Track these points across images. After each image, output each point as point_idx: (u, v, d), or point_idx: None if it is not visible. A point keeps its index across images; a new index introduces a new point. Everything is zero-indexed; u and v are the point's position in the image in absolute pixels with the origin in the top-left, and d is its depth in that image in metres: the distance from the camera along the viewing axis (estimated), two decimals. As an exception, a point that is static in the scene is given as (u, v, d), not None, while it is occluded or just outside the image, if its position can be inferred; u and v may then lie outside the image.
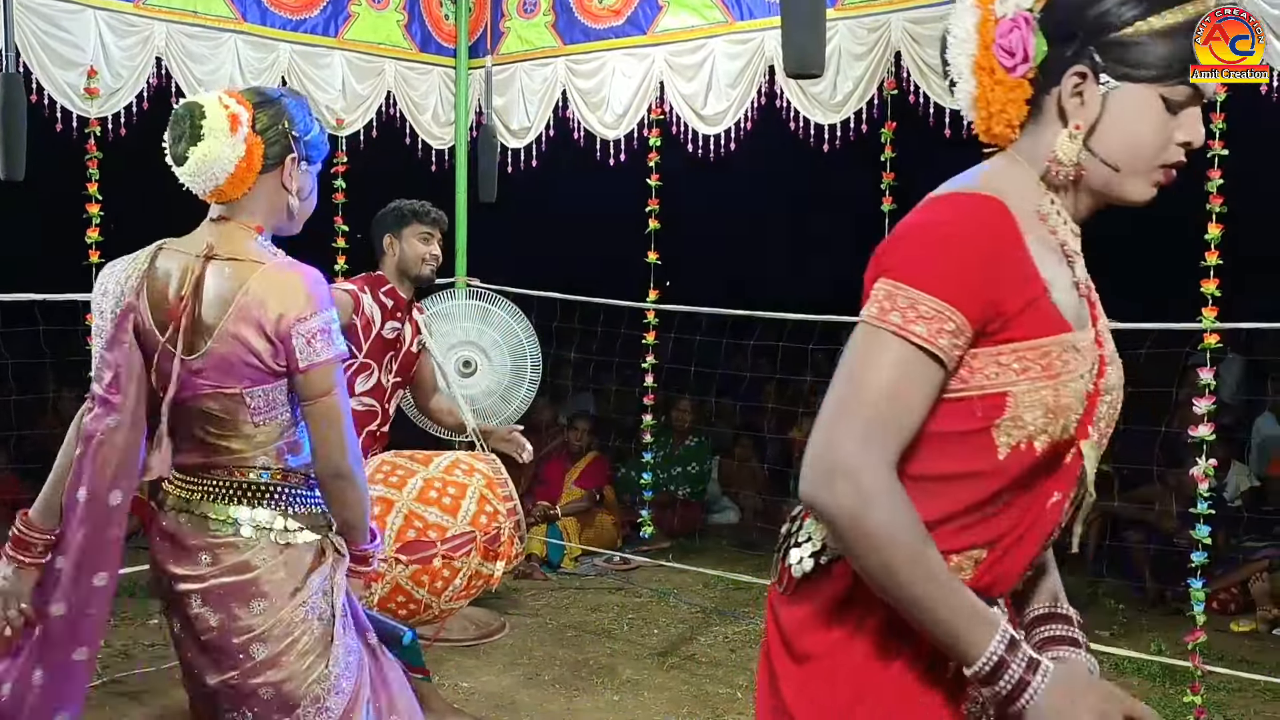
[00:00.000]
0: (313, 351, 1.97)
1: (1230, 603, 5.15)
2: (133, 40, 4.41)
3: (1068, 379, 1.27)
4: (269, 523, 2.05)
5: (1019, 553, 1.34)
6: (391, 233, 3.55)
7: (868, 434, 1.23)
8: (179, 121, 2.03)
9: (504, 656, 4.58)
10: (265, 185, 2.06)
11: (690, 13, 4.78)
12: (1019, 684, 1.25)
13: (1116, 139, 1.29)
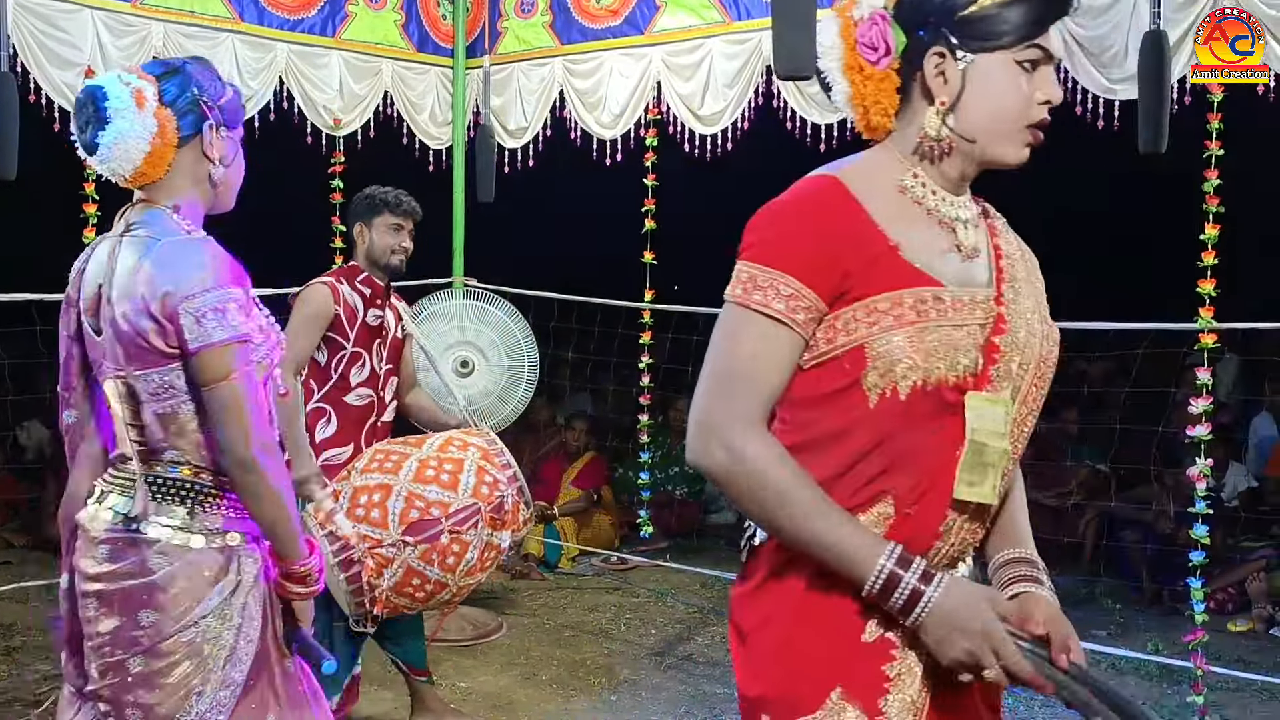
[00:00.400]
0: (203, 331, 1.82)
1: (1227, 602, 5.15)
2: (130, 40, 4.41)
3: (925, 326, 1.37)
4: (171, 523, 1.90)
5: (927, 507, 1.40)
6: (362, 221, 3.53)
7: (732, 398, 1.39)
8: (82, 108, 1.91)
9: (501, 656, 4.58)
10: (185, 159, 1.94)
11: (688, 13, 4.78)
12: (913, 594, 1.34)
13: (981, 107, 1.41)
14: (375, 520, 3.00)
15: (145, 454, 1.93)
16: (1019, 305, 1.45)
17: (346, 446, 3.36)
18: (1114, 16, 3.83)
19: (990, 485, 1.40)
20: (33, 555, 5.92)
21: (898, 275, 1.38)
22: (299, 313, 3.35)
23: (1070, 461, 6.15)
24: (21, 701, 3.95)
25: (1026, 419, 1.46)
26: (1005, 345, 1.41)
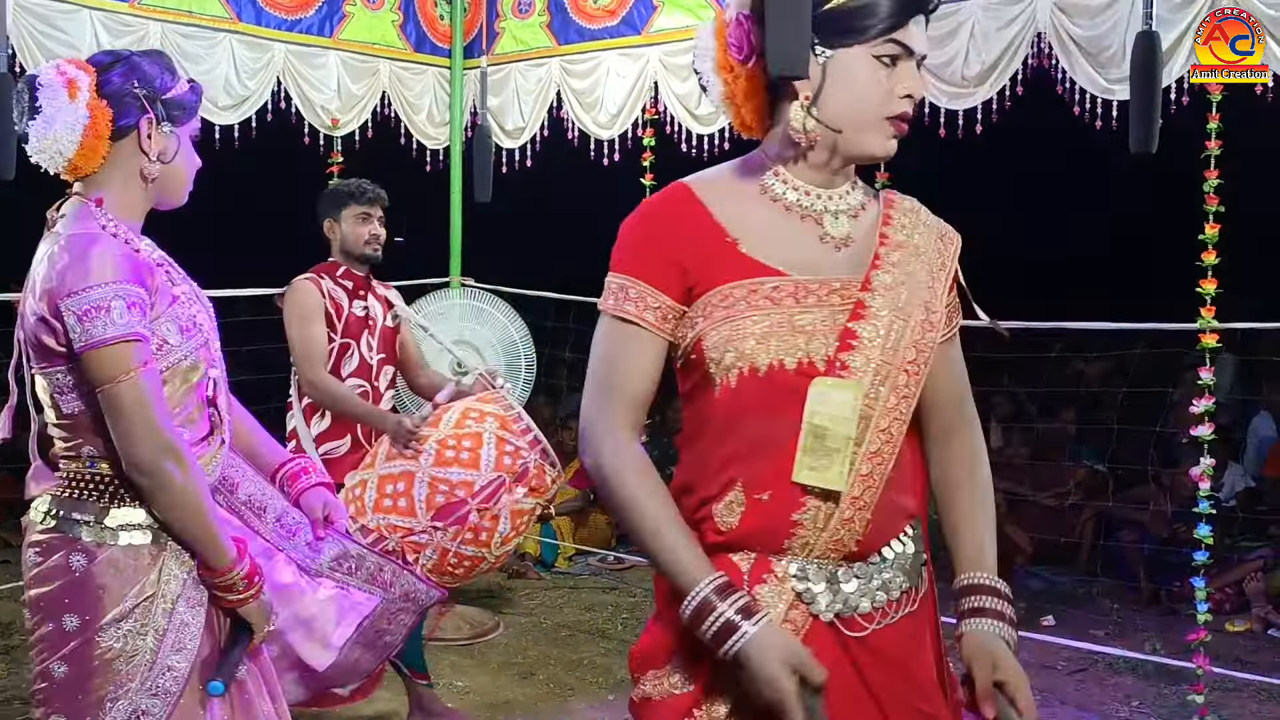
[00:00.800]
0: (85, 331, 1.73)
1: (1225, 602, 5.15)
2: (128, 40, 4.41)
3: (755, 315, 1.41)
4: (91, 520, 1.83)
5: (779, 494, 1.41)
6: (330, 217, 3.54)
7: (600, 403, 1.47)
8: (19, 97, 1.85)
9: (498, 656, 4.58)
10: (121, 153, 1.86)
11: (684, 13, 4.78)
12: (725, 626, 1.35)
13: (841, 100, 1.44)
14: (403, 509, 3.04)
15: (69, 450, 1.88)
16: (892, 293, 1.45)
17: (344, 439, 3.39)
18: (1111, 16, 3.83)
19: (837, 471, 1.39)
20: (30, 555, 5.92)
21: (735, 268, 1.43)
22: (294, 309, 3.36)
23: (1068, 461, 6.15)
24: (20, 699, 3.95)
25: (899, 406, 1.44)
26: (864, 332, 1.42)
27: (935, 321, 1.47)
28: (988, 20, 4.05)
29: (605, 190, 5.72)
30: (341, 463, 3.32)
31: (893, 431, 1.44)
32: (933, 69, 4.18)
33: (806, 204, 1.49)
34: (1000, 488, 6.00)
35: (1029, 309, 4.83)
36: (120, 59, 1.89)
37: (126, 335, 1.75)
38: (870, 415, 1.41)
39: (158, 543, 1.85)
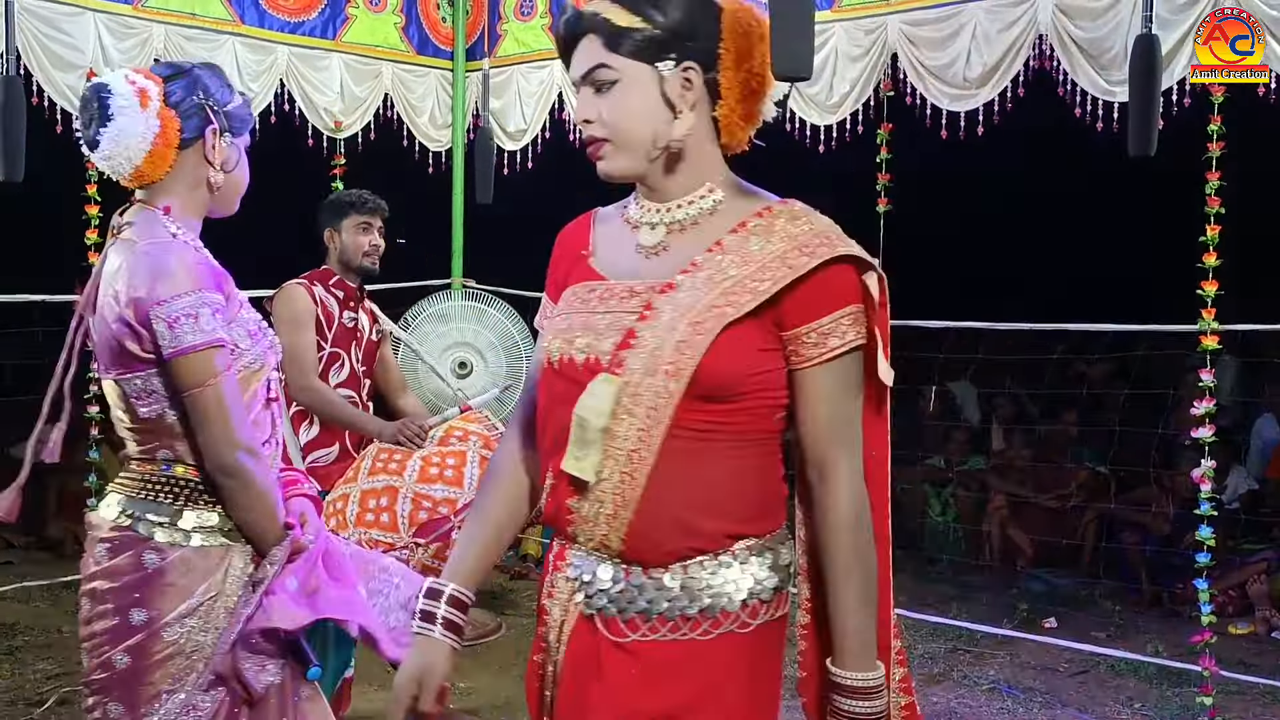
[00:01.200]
0: (175, 338, 1.80)
1: (1228, 605, 5.15)
2: (132, 42, 4.42)
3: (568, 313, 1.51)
4: (165, 520, 1.88)
5: (558, 484, 1.46)
6: (330, 226, 3.53)
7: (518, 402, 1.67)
8: (86, 104, 1.91)
9: (500, 657, 4.58)
10: (186, 162, 1.93)
11: (687, 15, 4.79)
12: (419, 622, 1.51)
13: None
14: (385, 524, 3.02)
15: (143, 453, 1.93)
16: (686, 298, 1.42)
17: (332, 447, 3.36)
18: (1112, 18, 3.83)
19: (590, 462, 1.40)
20: (34, 556, 5.93)
21: (579, 274, 1.55)
22: (286, 314, 3.33)
23: (1070, 463, 6.15)
24: (24, 701, 3.96)
25: (657, 408, 1.40)
26: (644, 332, 1.42)
27: (708, 327, 1.39)
28: (989, 22, 4.06)
29: (607, 192, 5.74)
30: (330, 471, 3.29)
31: (653, 433, 1.40)
32: (935, 70, 4.19)
33: (635, 217, 1.54)
34: (1002, 490, 6.03)
35: (1030, 310, 4.85)
36: (185, 71, 1.96)
37: (212, 341, 1.83)
38: (633, 412, 1.40)
39: (226, 544, 1.91)
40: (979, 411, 7.22)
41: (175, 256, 1.85)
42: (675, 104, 1.45)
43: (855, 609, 1.41)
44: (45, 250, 6.58)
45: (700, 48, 1.44)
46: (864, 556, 1.42)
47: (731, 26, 1.44)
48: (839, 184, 6.36)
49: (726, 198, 1.50)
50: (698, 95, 1.45)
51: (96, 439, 4.40)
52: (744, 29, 1.44)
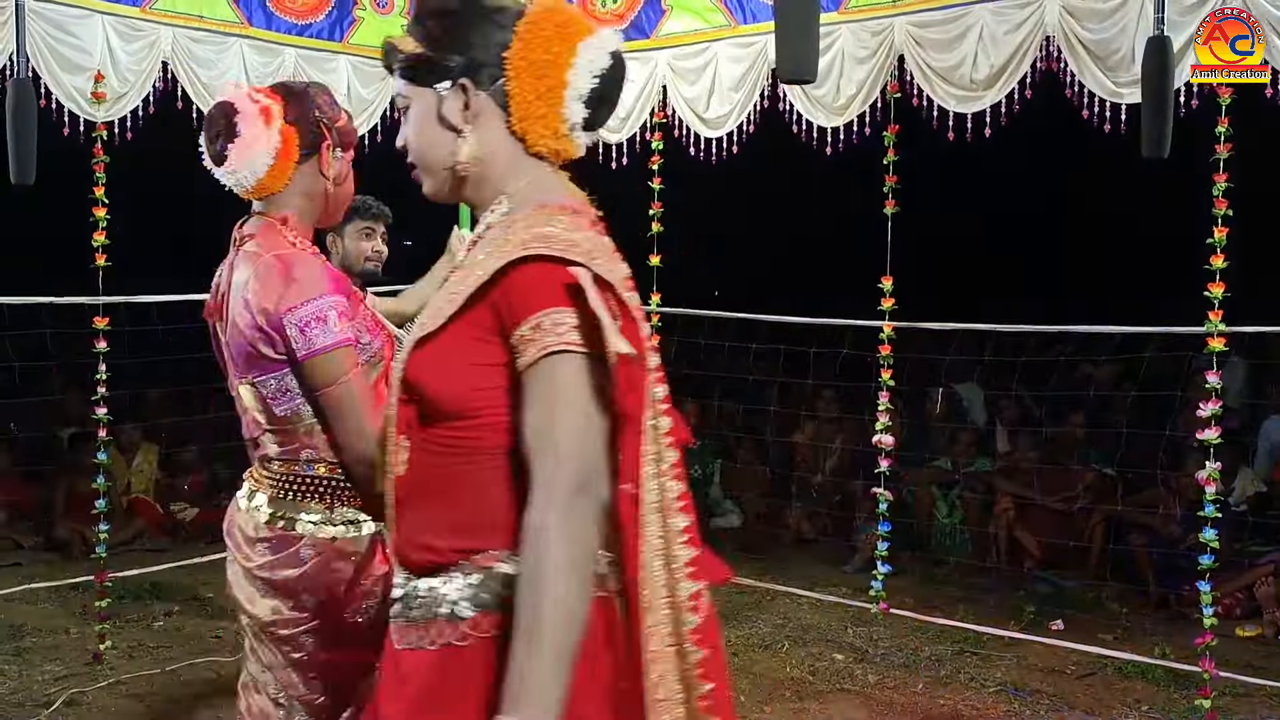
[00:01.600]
0: (307, 340, 1.93)
1: (1236, 607, 5.13)
2: (139, 45, 4.44)
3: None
4: (315, 518, 2.03)
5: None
6: (333, 231, 3.51)
7: None
8: (214, 121, 2.07)
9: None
10: (303, 175, 2.08)
11: (693, 16, 4.79)
12: None
13: None
14: None
15: (285, 454, 2.05)
16: (426, 312, 1.45)
17: None
18: (1120, 20, 3.83)
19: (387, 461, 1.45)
20: (42, 557, 5.94)
21: None
22: None
23: (1077, 465, 6.14)
24: (32, 702, 3.97)
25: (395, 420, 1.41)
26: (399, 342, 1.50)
27: (421, 337, 1.39)
28: (996, 24, 4.05)
29: (613, 194, 5.74)
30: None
31: (400, 444, 1.41)
32: (942, 72, 4.18)
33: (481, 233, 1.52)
34: (1009, 491, 6.01)
35: (1037, 311, 4.84)
36: (301, 89, 2.12)
37: (341, 341, 1.95)
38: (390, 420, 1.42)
39: (376, 532, 2.07)
40: (985, 413, 7.21)
41: (300, 264, 1.99)
42: (455, 125, 1.44)
43: (518, 643, 1.26)
44: (53, 252, 6.60)
45: (480, 63, 1.41)
46: (537, 586, 1.26)
47: (525, 33, 1.40)
48: (846, 186, 6.38)
49: (514, 208, 1.43)
50: (482, 111, 1.43)
51: (105, 440, 4.41)
52: (541, 33, 1.40)
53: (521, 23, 1.41)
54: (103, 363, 4.29)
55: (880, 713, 4.04)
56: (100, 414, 4.33)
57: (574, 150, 1.49)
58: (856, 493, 6.17)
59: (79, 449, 6.15)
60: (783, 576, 5.68)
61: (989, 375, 6.94)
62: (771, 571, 5.78)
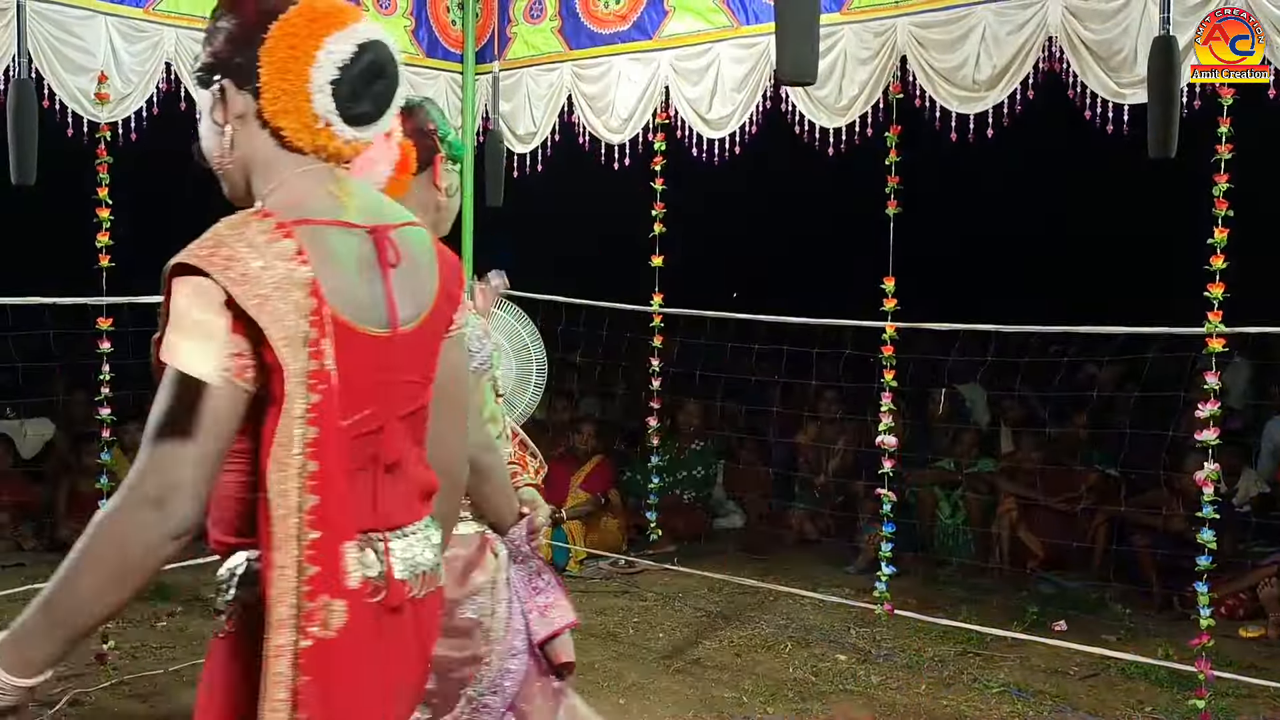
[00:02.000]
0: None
1: (1239, 608, 5.13)
2: (143, 46, 4.44)
3: None
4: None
5: None
6: None
7: None
8: None
9: (510, 660, 4.59)
10: (418, 187, 2.14)
11: (696, 17, 4.79)
12: None
13: None
14: None
15: None
16: None
17: None
18: (1123, 20, 3.82)
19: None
20: (45, 558, 5.95)
21: None
22: None
23: (1080, 466, 6.13)
24: (36, 702, 3.97)
25: None
26: None
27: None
28: (999, 24, 4.05)
29: (616, 194, 5.75)
30: None
31: None
32: (944, 72, 4.18)
33: None
34: (1012, 492, 6.01)
35: (1039, 312, 4.83)
36: (415, 105, 2.17)
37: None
38: None
39: (482, 530, 2.23)
40: (988, 414, 7.20)
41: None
42: (219, 122, 1.50)
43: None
44: (56, 253, 6.61)
45: (238, 63, 1.47)
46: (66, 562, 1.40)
47: (276, 30, 1.46)
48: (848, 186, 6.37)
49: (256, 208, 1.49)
50: (245, 111, 1.48)
51: (108, 441, 4.42)
52: (289, 29, 1.46)
53: (275, 22, 1.47)
54: (106, 363, 4.30)
55: (883, 713, 4.04)
56: (103, 414, 4.34)
57: (336, 144, 1.50)
58: (859, 493, 6.17)
59: (81, 450, 6.17)
60: (785, 577, 5.68)
61: (991, 376, 6.94)
62: (774, 572, 5.78)
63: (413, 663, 1.54)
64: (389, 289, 1.47)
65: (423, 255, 1.56)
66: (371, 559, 1.46)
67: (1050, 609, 5.22)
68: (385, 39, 1.53)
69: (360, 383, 1.42)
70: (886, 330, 4.49)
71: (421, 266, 1.54)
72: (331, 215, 1.45)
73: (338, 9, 1.50)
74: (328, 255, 1.41)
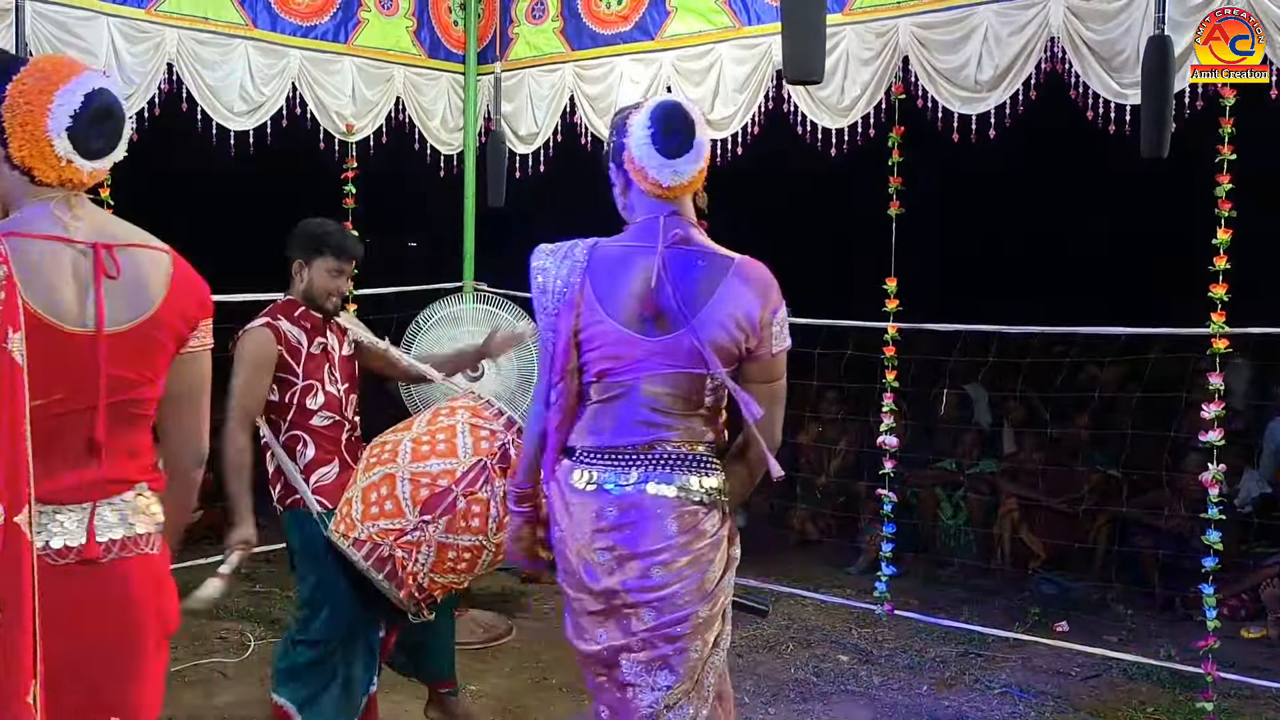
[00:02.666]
0: (785, 337, 2.27)
1: (1241, 609, 5.12)
2: (145, 46, 4.45)
3: None
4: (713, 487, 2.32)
5: None
6: (302, 258, 3.38)
7: None
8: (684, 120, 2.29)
9: (512, 660, 4.59)
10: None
11: (698, 18, 4.80)
12: None
13: None
14: (390, 511, 2.99)
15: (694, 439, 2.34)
16: None
17: (332, 464, 3.27)
18: (1124, 20, 3.82)
19: None
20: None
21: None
22: (243, 363, 3.23)
23: (1082, 466, 6.13)
24: (35, 703, 3.97)
25: None
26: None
27: None
28: (1000, 25, 4.05)
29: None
30: (336, 487, 3.22)
31: None
32: (946, 73, 4.18)
33: None
34: (1014, 493, 6.00)
35: (1041, 312, 4.83)
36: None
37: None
38: None
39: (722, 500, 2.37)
40: (990, 414, 7.20)
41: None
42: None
43: None
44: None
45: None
46: None
47: (12, 89, 1.75)
48: (850, 187, 6.37)
49: None
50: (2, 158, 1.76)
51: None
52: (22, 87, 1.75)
53: (9, 83, 1.75)
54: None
55: (885, 714, 4.04)
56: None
57: (80, 176, 1.79)
58: (861, 494, 6.17)
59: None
60: (787, 578, 5.68)
61: (993, 376, 6.93)
62: (776, 572, 5.77)
63: (111, 622, 1.77)
64: (99, 295, 1.74)
65: (152, 274, 1.83)
66: (70, 524, 1.73)
67: (1052, 610, 5.22)
68: (109, 85, 1.81)
69: (53, 369, 1.69)
70: (888, 330, 4.49)
71: (146, 283, 1.80)
72: (51, 232, 1.75)
73: (63, 65, 1.80)
74: (30, 262, 1.70)
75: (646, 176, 2.29)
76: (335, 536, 3.04)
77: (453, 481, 3.03)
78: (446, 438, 3.10)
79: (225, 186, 6.54)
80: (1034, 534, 5.81)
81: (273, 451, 3.27)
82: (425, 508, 3.00)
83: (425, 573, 3.00)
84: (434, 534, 3.00)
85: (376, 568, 2.96)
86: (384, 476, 3.06)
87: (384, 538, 2.98)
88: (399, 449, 3.10)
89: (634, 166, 2.30)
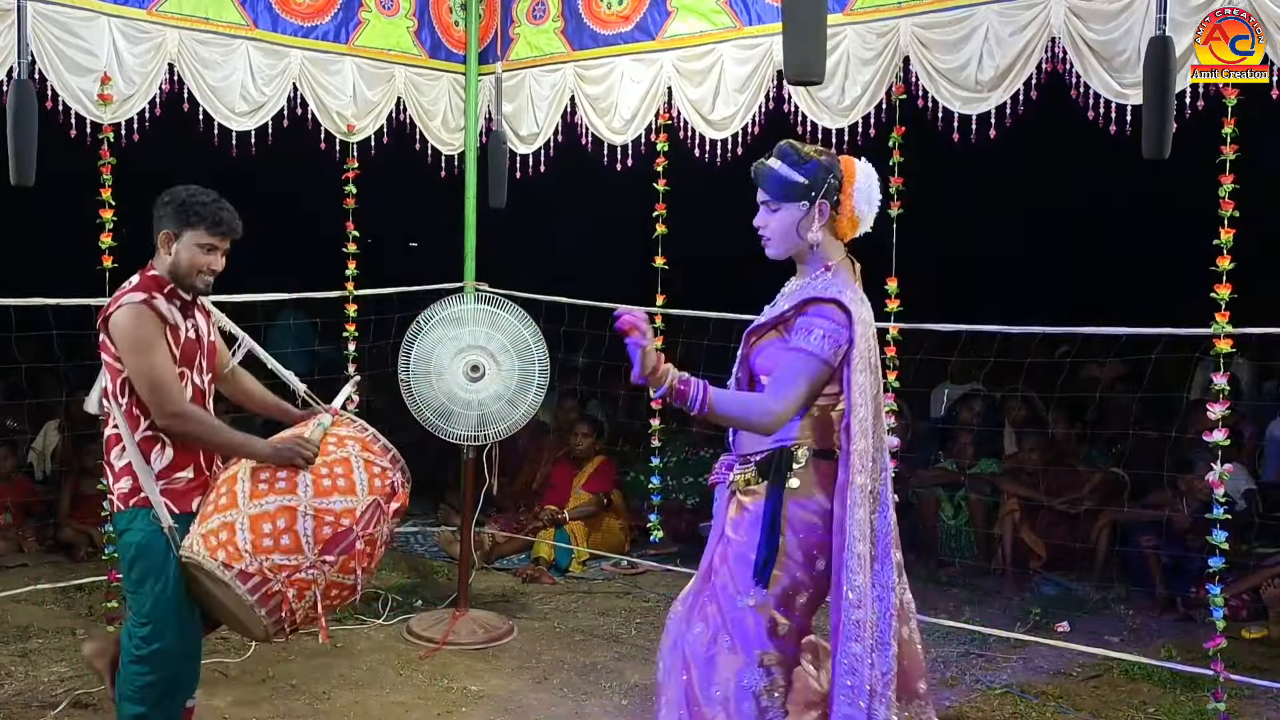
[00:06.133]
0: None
1: (1241, 609, 5.12)
2: (146, 47, 4.45)
3: None
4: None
5: None
6: (170, 229, 3.04)
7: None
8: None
9: (512, 660, 4.59)
10: None
11: (698, 18, 4.80)
12: None
13: None
14: (287, 547, 2.88)
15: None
16: None
17: (187, 469, 3.05)
18: (1126, 21, 3.82)
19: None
20: (48, 558, 5.95)
21: None
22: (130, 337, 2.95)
23: (1083, 466, 6.12)
24: (39, 703, 3.98)
25: None
26: None
27: None
28: (1001, 25, 4.05)
29: (619, 195, 5.75)
30: (187, 491, 3.02)
31: None
32: (947, 73, 4.18)
33: None
34: (1015, 493, 6.00)
35: (1043, 313, 4.83)
36: None
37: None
38: None
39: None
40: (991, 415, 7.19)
41: None
42: None
43: None
44: (60, 254, 6.62)
45: None
46: None
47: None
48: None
49: None
50: None
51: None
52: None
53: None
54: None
55: (886, 714, 4.03)
56: (106, 415, 4.34)
57: None
58: (862, 494, 6.16)
59: (83, 451, 6.17)
60: (788, 578, 5.68)
61: (995, 375, 6.92)
62: (776, 573, 5.77)
63: None
64: None
65: None
66: None
67: (1053, 610, 5.22)
68: None
69: None
70: (889, 330, 4.48)
71: None
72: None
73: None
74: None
75: (858, 224, 2.73)
76: (212, 564, 2.87)
77: (354, 521, 2.96)
78: (344, 472, 3.01)
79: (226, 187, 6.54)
80: (1035, 534, 5.81)
81: (124, 446, 3.01)
82: (326, 547, 2.92)
83: (304, 609, 2.94)
84: (328, 573, 2.93)
85: (261, 603, 2.87)
86: (281, 508, 2.92)
87: (276, 573, 2.87)
88: (297, 480, 2.96)
89: (851, 214, 2.71)
